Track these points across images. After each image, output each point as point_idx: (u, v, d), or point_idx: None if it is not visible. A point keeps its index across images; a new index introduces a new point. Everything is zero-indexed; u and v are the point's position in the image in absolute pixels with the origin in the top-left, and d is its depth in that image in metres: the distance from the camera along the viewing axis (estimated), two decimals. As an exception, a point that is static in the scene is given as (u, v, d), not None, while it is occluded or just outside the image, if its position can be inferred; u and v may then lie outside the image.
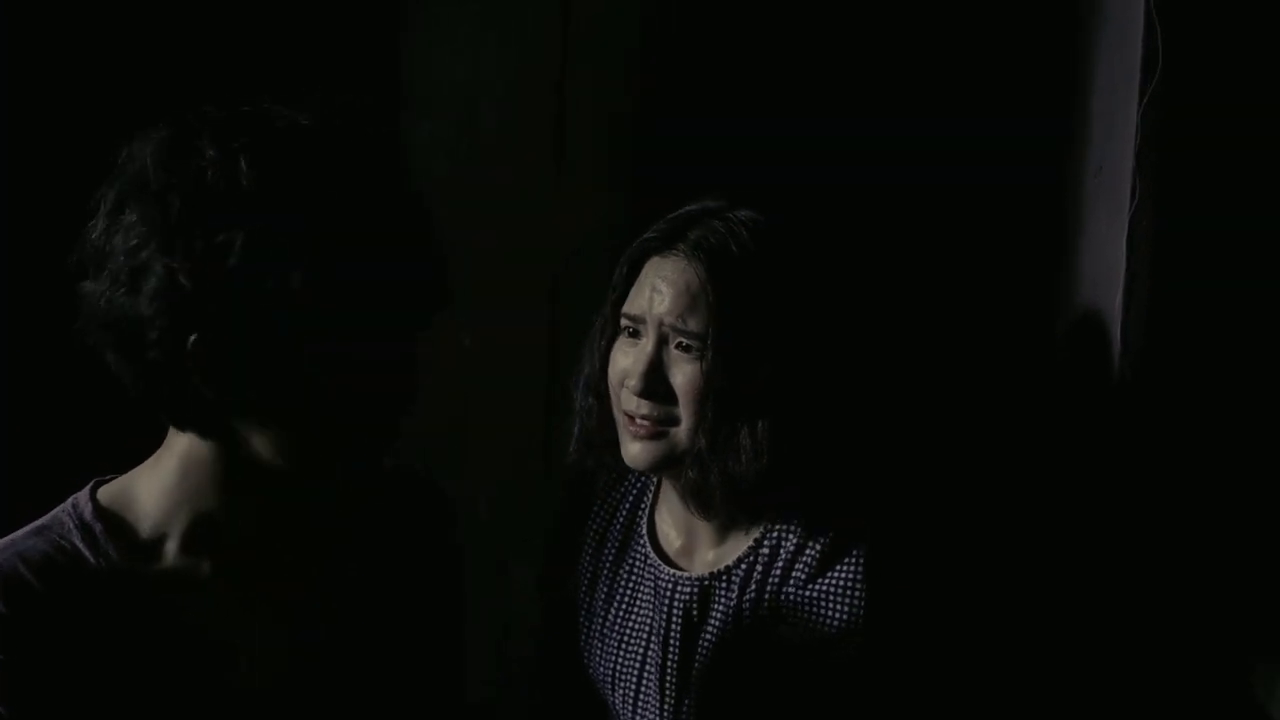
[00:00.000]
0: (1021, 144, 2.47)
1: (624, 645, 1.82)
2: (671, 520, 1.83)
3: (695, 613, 1.77)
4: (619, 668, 1.81)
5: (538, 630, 2.18)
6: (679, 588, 1.78)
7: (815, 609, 1.70)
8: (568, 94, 2.57)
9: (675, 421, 1.70)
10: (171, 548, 1.48)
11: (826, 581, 1.70)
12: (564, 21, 2.54)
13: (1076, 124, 2.40)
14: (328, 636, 1.53)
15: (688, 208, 1.78)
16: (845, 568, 1.70)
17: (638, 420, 1.72)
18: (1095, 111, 2.35)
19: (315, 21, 2.29)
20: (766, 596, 1.73)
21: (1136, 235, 2.14)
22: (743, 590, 1.75)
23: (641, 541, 1.83)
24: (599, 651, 1.84)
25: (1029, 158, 2.47)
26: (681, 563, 1.81)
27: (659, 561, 1.81)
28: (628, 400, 1.72)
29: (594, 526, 1.89)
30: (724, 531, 1.80)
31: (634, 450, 1.72)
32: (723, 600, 1.75)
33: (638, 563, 1.83)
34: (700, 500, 1.73)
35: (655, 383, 1.69)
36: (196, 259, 1.32)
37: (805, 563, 1.72)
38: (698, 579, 1.78)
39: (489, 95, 2.53)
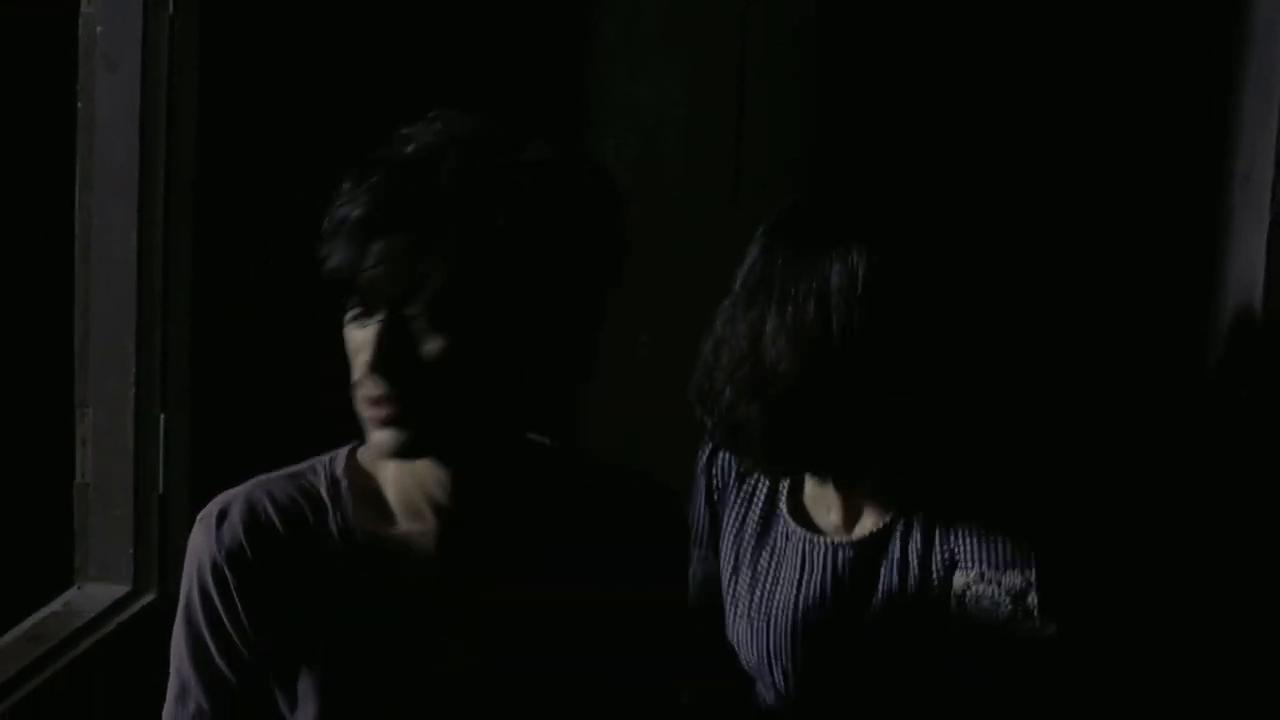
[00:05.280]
0: (1174, 151, 2.57)
1: (772, 625, 1.88)
2: (813, 497, 1.91)
3: (855, 573, 1.84)
4: (774, 645, 1.88)
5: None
6: (837, 554, 1.85)
7: (984, 576, 1.76)
8: (745, 113, 2.73)
9: None
10: (403, 519, 1.56)
11: (993, 549, 1.76)
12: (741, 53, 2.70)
13: (1226, 133, 2.49)
14: (535, 633, 1.58)
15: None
16: (1011, 540, 1.76)
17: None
18: (1243, 121, 2.43)
19: (505, 45, 2.47)
20: (935, 544, 1.80)
21: (1276, 241, 2.22)
22: (905, 542, 1.82)
23: (781, 519, 1.91)
24: (745, 636, 1.91)
25: (1181, 165, 2.57)
26: (829, 531, 1.88)
27: (805, 531, 1.88)
28: None
29: (733, 515, 1.97)
30: (869, 503, 1.86)
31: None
32: (886, 556, 1.83)
33: (778, 541, 1.91)
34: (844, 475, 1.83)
35: None
36: None
37: (965, 530, 1.79)
38: (849, 543, 1.85)
39: (672, 115, 2.69)
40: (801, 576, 1.87)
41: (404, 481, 1.56)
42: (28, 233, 2.51)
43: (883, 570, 1.83)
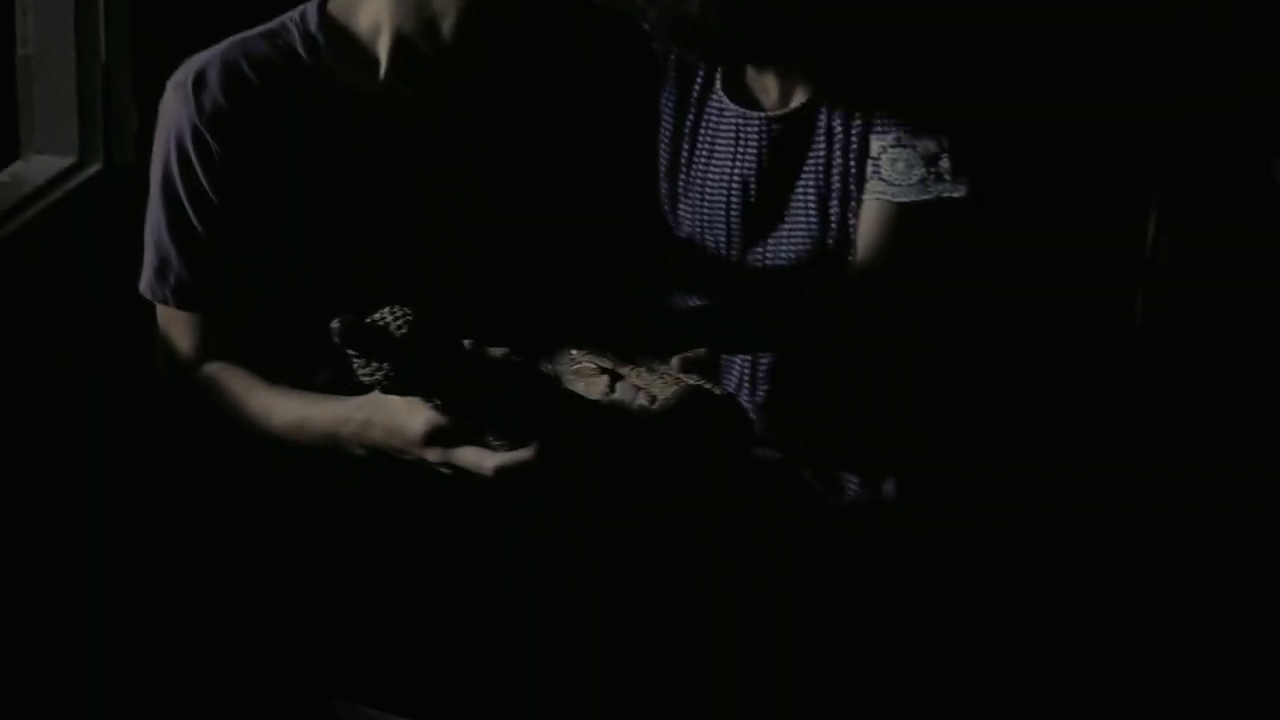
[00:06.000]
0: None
1: (705, 195, 1.96)
2: (750, 78, 1.94)
3: (786, 147, 1.91)
4: (706, 216, 1.96)
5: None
6: (769, 127, 1.91)
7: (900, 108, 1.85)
8: None
9: None
10: (380, 66, 1.54)
11: (910, 118, 1.84)
12: None
13: None
14: (511, 175, 1.62)
15: None
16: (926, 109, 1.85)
17: None
18: None
19: None
20: (856, 114, 1.87)
21: None
22: (830, 113, 1.89)
23: (716, 97, 1.95)
24: (684, 208, 1.98)
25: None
26: (767, 108, 1.94)
27: (738, 107, 1.94)
28: None
29: (669, 95, 1.98)
30: (801, 82, 1.91)
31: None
32: (815, 129, 1.90)
33: (714, 118, 1.95)
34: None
35: None
36: None
37: (885, 102, 1.86)
38: (781, 116, 1.92)
39: None
40: (735, 150, 1.94)
41: (376, 27, 1.53)
42: None
43: (811, 140, 1.91)
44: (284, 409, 1.56)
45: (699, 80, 1.96)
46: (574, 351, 1.50)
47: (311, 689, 1.64)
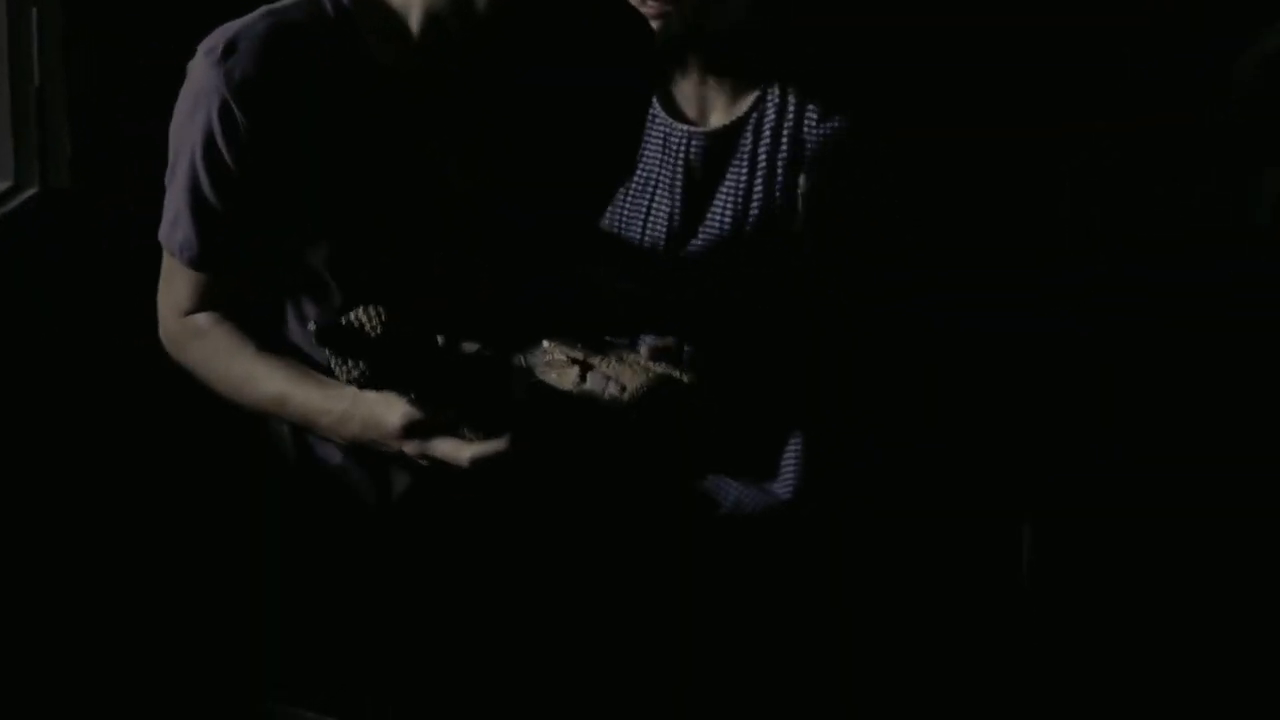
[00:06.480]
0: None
1: (630, 196, 1.98)
2: (687, 86, 1.96)
3: (707, 164, 1.93)
4: (625, 217, 1.99)
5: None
6: (691, 142, 1.94)
7: (830, 145, 1.87)
8: None
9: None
10: (410, 41, 1.55)
11: (840, 120, 1.87)
12: None
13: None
14: (529, 149, 1.65)
15: None
16: (854, 109, 1.88)
17: (649, 3, 1.86)
18: None
19: None
20: (783, 144, 1.90)
21: None
22: (757, 136, 1.92)
23: (653, 105, 1.97)
24: (612, 206, 2.00)
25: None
26: (694, 120, 1.96)
27: (669, 119, 1.96)
28: None
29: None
30: (735, 93, 1.94)
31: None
32: (736, 152, 1.92)
33: (650, 123, 1.98)
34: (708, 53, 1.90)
35: None
36: None
37: (817, 106, 1.89)
38: (708, 133, 1.94)
39: None
40: (662, 158, 1.96)
41: (407, 5, 1.54)
42: None
43: (730, 163, 1.93)
44: (267, 380, 1.56)
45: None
46: (545, 343, 1.54)
47: (250, 692, 1.66)
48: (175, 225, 1.56)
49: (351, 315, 1.37)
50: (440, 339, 1.43)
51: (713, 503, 1.93)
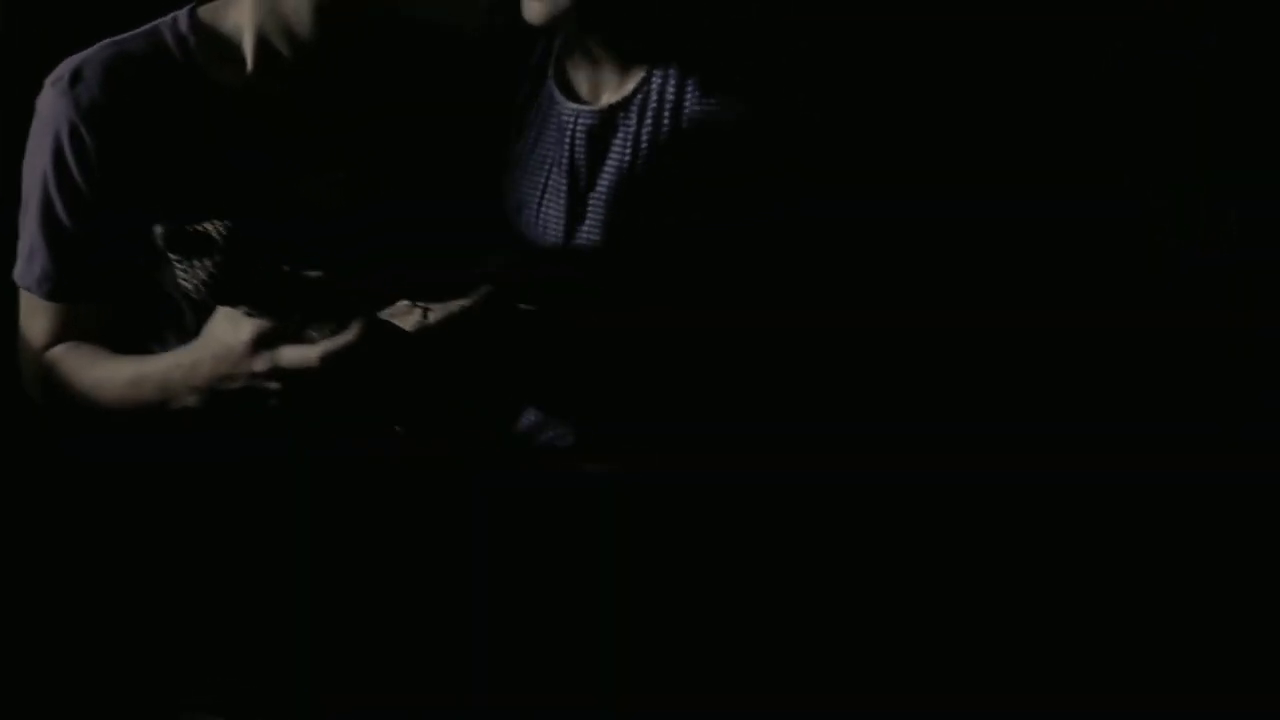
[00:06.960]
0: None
1: (526, 175, 1.98)
2: (580, 64, 1.96)
3: (592, 143, 1.93)
4: (522, 196, 1.98)
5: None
6: (580, 119, 1.94)
7: (717, 113, 1.86)
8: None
9: None
10: (248, 66, 1.61)
11: (726, 91, 1.86)
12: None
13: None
14: (382, 179, 1.69)
15: None
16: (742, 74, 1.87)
17: None
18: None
19: None
20: (665, 121, 1.90)
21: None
22: (641, 116, 1.91)
23: (547, 83, 1.98)
24: (509, 186, 2.00)
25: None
26: (587, 99, 1.96)
27: (562, 98, 1.96)
28: None
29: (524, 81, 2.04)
30: (625, 72, 1.93)
31: (533, 10, 1.87)
32: (623, 128, 1.92)
33: (544, 101, 1.99)
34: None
35: None
36: None
37: (701, 78, 1.89)
38: (598, 110, 1.93)
39: None
40: (555, 137, 1.96)
41: (240, 28, 1.60)
42: None
43: (611, 143, 1.92)
44: (119, 371, 1.58)
45: (540, 50, 1.99)
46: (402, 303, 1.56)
47: (156, 699, 1.66)
48: (31, 259, 1.61)
49: (198, 225, 1.39)
50: (285, 268, 1.44)
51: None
